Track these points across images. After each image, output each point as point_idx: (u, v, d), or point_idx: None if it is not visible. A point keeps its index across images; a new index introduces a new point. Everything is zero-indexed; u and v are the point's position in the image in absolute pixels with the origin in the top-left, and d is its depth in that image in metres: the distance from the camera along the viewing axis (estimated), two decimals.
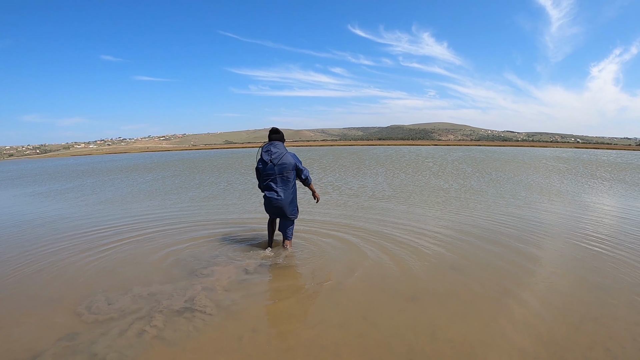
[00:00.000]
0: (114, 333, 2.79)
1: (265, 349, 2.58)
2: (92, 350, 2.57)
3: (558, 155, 35.95)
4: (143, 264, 4.41)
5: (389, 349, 2.56)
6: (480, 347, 2.57)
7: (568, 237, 5.38)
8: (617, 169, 18.32)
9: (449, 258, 4.41)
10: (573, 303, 3.25)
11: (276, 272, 4.08)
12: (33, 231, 6.27)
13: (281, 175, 4.47)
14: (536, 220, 6.42)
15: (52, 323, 3.01)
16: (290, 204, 4.58)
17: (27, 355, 2.55)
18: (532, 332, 2.77)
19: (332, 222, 6.20)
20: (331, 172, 16.43)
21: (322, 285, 3.69)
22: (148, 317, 3.01)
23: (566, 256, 4.57)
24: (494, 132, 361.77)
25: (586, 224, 6.20)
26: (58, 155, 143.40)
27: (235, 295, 3.45)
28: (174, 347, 2.61)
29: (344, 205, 7.91)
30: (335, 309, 3.17)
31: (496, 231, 5.61)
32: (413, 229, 5.70)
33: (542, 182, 12.13)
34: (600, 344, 2.61)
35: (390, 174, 14.93)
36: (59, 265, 4.41)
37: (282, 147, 4.55)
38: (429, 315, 3.04)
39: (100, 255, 4.76)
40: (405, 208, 7.48)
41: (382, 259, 4.40)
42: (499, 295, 3.40)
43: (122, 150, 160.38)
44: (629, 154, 40.98)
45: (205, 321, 2.96)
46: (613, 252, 4.60)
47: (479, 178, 13.33)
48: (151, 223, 6.55)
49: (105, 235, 5.75)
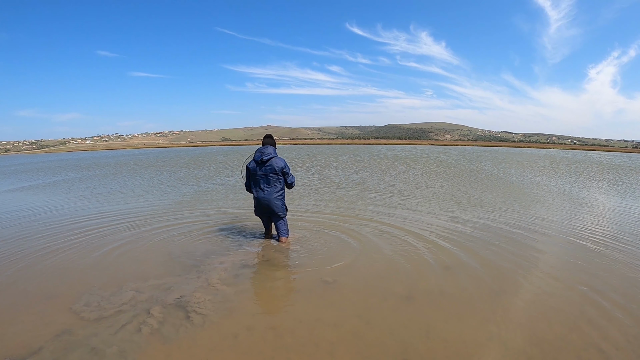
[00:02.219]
0: (110, 329, 2.78)
1: (260, 347, 2.58)
2: (90, 345, 2.57)
3: (563, 156, 36.09)
4: (138, 260, 4.40)
5: (383, 348, 2.56)
6: (475, 347, 2.58)
7: (563, 238, 5.41)
8: (615, 171, 18.41)
9: (444, 258, 4.42)
10: (567, 304, 3.26)
11: (271, 269, 4.08)
12: (34, 225, 6.24)
13: (268, 176, 4.79)
14: (531, 221, 6.44)
15: (49, 319, 3.00)
16: (277, 200, 4.84)
17: (25, 351, 2.55)
18: (526, 332, 2.78)
19: (328, 221, 6.20)
20: (334, 168, 16.42)
21: (317, 283, 3.68)
22: (144, 313, 3.01)
23: (561, 257, 4.59)
24: (491, 133, 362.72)
25: (581, 225, 6.23)
26: (55, 151, 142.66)
27: (230, 292, 3.45)
28: (170, 344, 2.61)
29: (338, 202, 7.92)
30: (330, 308, 3.17)
31: (492, 231, 5.63)
32: (410, 228, 5.72)
33: (540, 182, 12.19)
34: (594, 345, 2.63)
35: (402, 172, 14.95)
36: (54, 260, 4.40)
37: (273, 150, 4.90)
38: (424, 314, 3.05)
39: (98, 252, 4.74)
40: (402, 207, 7.49)
41: (377, 258, 4.41)
42: (493, 296, 3.41)
43: (119, 146, 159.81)
44: (626, 157, 41.18)
45: (200, 318, 2.95)
46: (607, 254, 4.63)
47: (480, 178, 13.37)
48: (147, 218, 6.54)
49: (101, 230, 5.74)
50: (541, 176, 14.78)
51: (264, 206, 4.85)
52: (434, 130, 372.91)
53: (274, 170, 4.74)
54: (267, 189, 4.80)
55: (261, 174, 4.78)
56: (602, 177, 15.14)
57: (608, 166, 22.44)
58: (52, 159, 42.33)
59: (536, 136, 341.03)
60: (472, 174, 15.02)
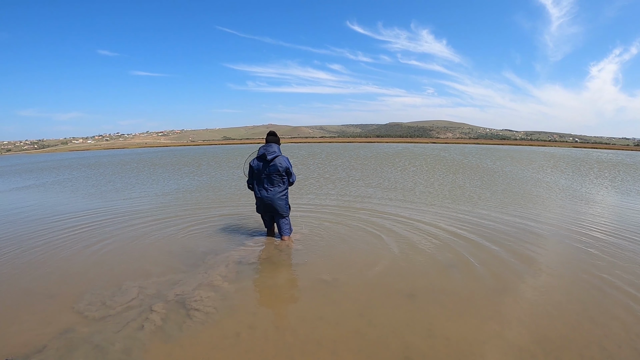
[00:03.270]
0: (113, 328, 2.79)
1: (262, 346, 2.58)
2: (94, 343, 2.58)
3: (562, 153, 35.99)
4: (140, 258, 4.41)
5: (385, 346, 2.56)
6: (477, 345, 2.58)
7: (565, 235, 5.39)
8: (618, 169, 18.35)
9: (446, 256, 4.41)
10: (570, 302, 3.26)
11: (273, 267, 4.08)
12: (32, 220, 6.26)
13: (272, 175, 4.72)
14: (534, 219, 6.42)
15: (51, 318, 3.01)
16: (280, 200, 4.79)
17: (28, 350, 2.56)
18: (529, 330, 2.78)
19: (330, 218, 6.20)
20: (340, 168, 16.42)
21: (319, 281, 3.69)
22: (146, 312, 3.02)
23: (563, 255, 4.58)
24: (492, 131, 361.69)
25: (583, 223, 6.21)
26: (56, 150, 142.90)
27: (232, 290, 3.46)
28: (172, 343, 2.61)
29: (340, 199, 7.92)
30: (332, 306, 3.17)
31: (494, 229, 5.61)
32: (412, 225, 5.71)
33: (542, 181, 12.16)
34: (596, 342, 2.62)
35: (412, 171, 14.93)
36: (56, 259, 4.42)
37: (278, 148, 4.81)
38: (426, 312, 3.05)
39: (98, 248, 4.76)
40: (403, 204, 7.48)
41: (379, 255, 4.40)
42: (495, 294, 3.41)
43: (120, 145, 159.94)
44: (626, 154, 41.05)
45: (202, 316, 2.96)
46: (609, 252, 4.61)
47: (480, 175, 13.35)
48: (148, 215, 6.54)
49: (102, 228, 5.74)
50: (540, 173, 14.74)
51: (267, 205, 4.81)
52: (435, 128, 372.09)
53: (278, 170, 4.68)
54: (270, 189, 4.75)
55: (265, 173, 4.72)
56: (601, 174, 15.09)
57: (607, 163, 22.38)
58: (56, 158, 42.40)
59: (538, 134, 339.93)
60: (472, 171, 14.99)
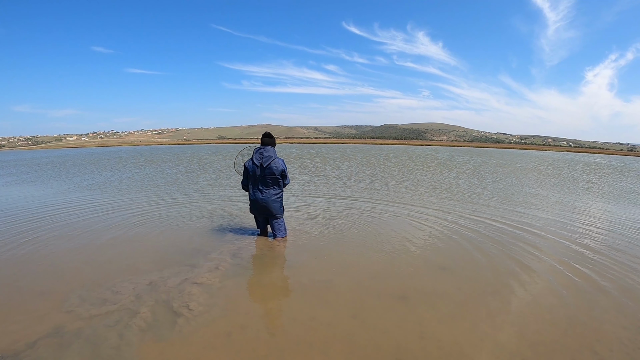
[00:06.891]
0: (104, 325, 2.76)
1: (253, 346, 2.56)
2: (85, 340, 2.55)
3: (553, 157, 36.30)
4: (132, 255, 4.37)
5: (377, 348, 2.56)
6: (468, 348, 2.58)
7: (558, 240, 5.42)
8: (614, 173, 18.53)
9: (439, 258, 4.42)
10: (561, 306, 3.27)
11: (266, 268, 4.06)
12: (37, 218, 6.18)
13: (267, 178, 4.69)
14: (527, 223, 6.45)
15: (42, 315, 2.97)
16: (275, 202, 4.78)
17: (19, 347, 2.52)
18: (520, 334, 2.78)
19: (325, 220, 6.19)
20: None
21: (312, 282, 3.67)
22: (137, 310, 2.99)
23: (555, 259, 4.59)
24: (487, 134, 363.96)
25: (576, 227, 6.25)
26: (50, 147, 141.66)
27: (224, 290, 3.43)
28: (164, 342, 2.59)
29: (335, 198, 7.90)
30: (324, 307, 3.16)
31: (487, 233, 5.63)
32: (405, 227, 5.71)
33: (535, 186, 12.23)
34: (588, 346, 2.63)
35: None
36: (46, 256, 4.36)
37: (273, 151, 4.77)
38: (418, 314, 3.05)
39: (91, 246, 4.70)
40: (398, 204, 7.49)
41: (372, 257, 4.40)
42: (488, 297, 3.41)
43: (115, 143, 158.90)
44: (619, 159, 41.48)
45: (194, 316, 2.93)
46: (601, 257, 4.65)
47: (470, 176, 13.40)
48: (140, 212, 6.49)
49: (93, 224, 5.69)
50: (529, 178, 14.84)
51: (261, 207, 4.80)
52: (430, 130, 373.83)
53: (274, 173, 4.67)
54: (265, 191, 4.73)
55: (260, 176, 4.70)
56: (590, 178, 15.23)
57: (595, 166, 22.60)
58: (51, 154, 42.02)
59: (532, 138, 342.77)
60: (466, 171, 15.05)
